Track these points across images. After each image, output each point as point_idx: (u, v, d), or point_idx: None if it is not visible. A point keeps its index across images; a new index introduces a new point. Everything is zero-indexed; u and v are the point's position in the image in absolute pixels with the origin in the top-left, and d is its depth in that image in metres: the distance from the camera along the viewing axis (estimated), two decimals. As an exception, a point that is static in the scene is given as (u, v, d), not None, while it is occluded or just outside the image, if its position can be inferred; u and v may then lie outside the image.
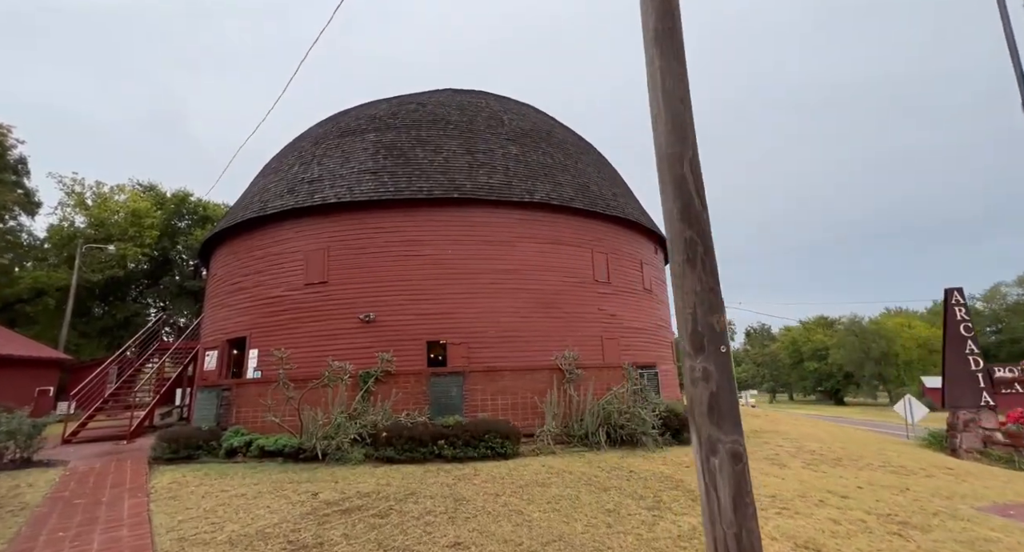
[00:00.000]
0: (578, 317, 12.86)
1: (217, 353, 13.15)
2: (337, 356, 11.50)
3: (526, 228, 12.82)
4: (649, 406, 9.18)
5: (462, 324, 11.81)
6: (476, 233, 12.44)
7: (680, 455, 8.54)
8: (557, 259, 12.97)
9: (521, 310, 12.21)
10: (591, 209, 13.59)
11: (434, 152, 13.42)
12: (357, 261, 12.16)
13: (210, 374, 13.15)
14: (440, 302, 11.88)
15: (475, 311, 11.94)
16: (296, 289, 12.36)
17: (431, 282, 11.98)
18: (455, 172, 12.91)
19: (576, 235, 13.50)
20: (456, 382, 9.32)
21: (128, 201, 23.55)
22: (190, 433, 8.87)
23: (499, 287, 12.21)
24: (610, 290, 13.75)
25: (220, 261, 14.46)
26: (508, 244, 12.56)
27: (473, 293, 12.05)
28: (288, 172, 14.06)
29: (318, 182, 13.03)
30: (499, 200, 12.54)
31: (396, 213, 12.37)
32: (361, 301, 11.91)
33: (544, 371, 9.81)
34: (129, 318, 22.35)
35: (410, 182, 12.51)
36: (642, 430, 8.68)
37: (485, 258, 12.31)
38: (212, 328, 13.93)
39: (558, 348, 12.29)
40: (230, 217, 14.48)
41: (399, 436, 8.25)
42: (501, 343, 11.88)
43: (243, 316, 12.91)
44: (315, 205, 12.39)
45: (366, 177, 12.74)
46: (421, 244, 12.21)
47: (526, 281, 12.44)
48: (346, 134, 14.45)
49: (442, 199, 12.31)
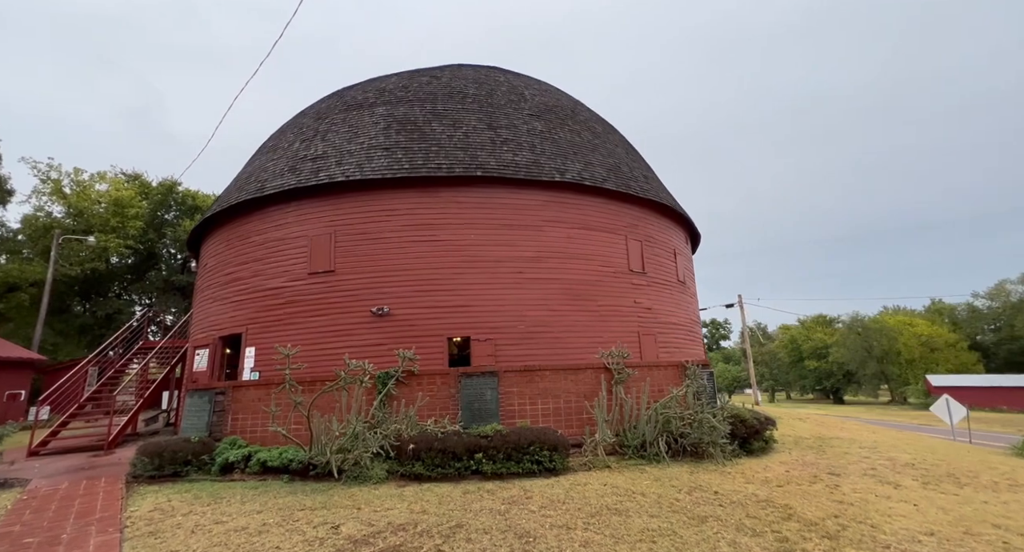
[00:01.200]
0: (612, 310, 11.61)
1: (208, 352, 11.74)
2: (345, 354, 10.16)
3: (555, 211, 11.54)
4: (716, 412, 7.95)
5: (486, 318, 10.51)
6: (500, 216, 11.14)
7: (756, 468, 7.31)
8: (588, 246, 11.71)
9: (550, 302, 10.93)
10: (625, 191, 12.33)
11: (452, 127, 12.09)
12: (367, 247, 10.81)
13: (200, 376, 11.73)
14: (461, 294, 10.57)
15: (500, 303, 10.64)
16: (299, 279, 10.98)
17: (451, 271, 10.67)
18: (476, 149, 11.59)
19: (609, 220, 12.24)
20: (490, 384, 8.03)
21: (110, 190, 21.96)
22: (177, 445, 7.51)
23: (526, 277, 10.92)
24: (645, 281, 12.51)
25: (212, 250, 13.03)
26: (535, 229, 11.27)
27: (497, 283, 10.75)
28: (288, 149, 12.65)
29: (323, 159, 11.65)
30: (527, 180, 11.24)
31: (411, 194, 11.03)
32: (372, 292, 10.56)
33: (589, 371, 8.55)
34: (111, 315, 20.75)
35: (427, 159, 11.18)
36: (711, 439, 7.45)
37: (510, 244, 11.01)
38: (203, 324, 12.51)
39: (591, 344, 11.03)
40: (223, 200, 13.04)
41: (429, 449, 6.94)
42: (529, 339, 10.59)
43: (238, 310, 11.51)
44: (320, 184, 11.01)
45: (377, 153, 11.38)
46: (439, 228, 10.88)
47: (555, 270, 11.17)
48: (352, 108, 13.07)
49: (463, 178, 10.99)
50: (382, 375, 7.99)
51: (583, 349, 10.88)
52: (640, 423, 7.87)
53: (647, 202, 13.12)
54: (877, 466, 7.28)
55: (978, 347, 65.38)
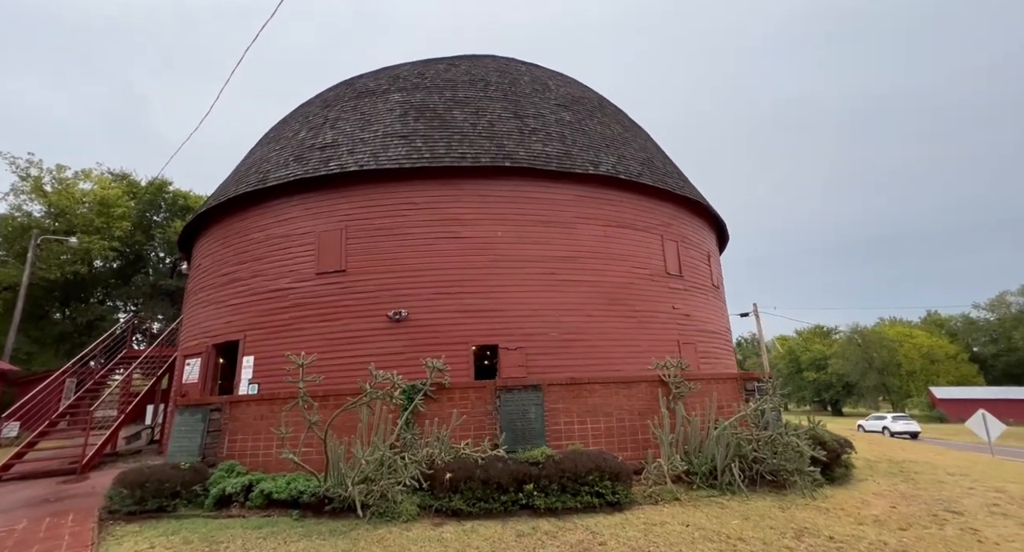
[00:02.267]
0: (650, 316, 10.57)
1: (200, 362, 10.49)
2: (358, 364, 8.99)
3: (588, 207, 10.52)
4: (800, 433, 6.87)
5: (516, 324, 9.41)
6: (530, 212, 10.10)
7: (854, 503, 6.22)
8: (623, 245, 10.69)
9: (586, 307, 9.87)
10: (661, 186, 11.37)
11: (475, 115, 11.08)
12: (384, 244, 9.70)
13: (191, 388, 10.46)
14: (488, 296, 9.48)
15: (531, 308, 9.55)
16: (305, 280, 9.82)
17: (476, 271, 9.58)
18: (503, 137, 10.58)
19: (644, 218, 11.25)
20: (534, 400, 6.89)
21: (95, 188, 20.66)
22: (163, 473, 6.27)
23: (559, 279, 9.86)
24: (682, 285, 11.50)
25: (206, 249, 11.83)
26: (568, 226, 10.24)
27: (528, 286, 9.67)
28: (293, 139, 11.56)
29: (333, 148, 10.56)
30: (559, 172, 10.23)
31: (432, 186, 9.96)
32: (389, 295, 9.43)
33: (643, 384, 7.46)
34: (93, 322, 19.31)
35: (449, 148, 10.14)
36: (796, 467, 6.36)
37: (541, 242, 9.96)
38: (195, 331, 11.26)
39: (630, 354, 9.96)
40: (220, 194, 11.88)
41: (469, 478, 5.78)
42: (564, 348, 9.50)
43: (236, 315, 10.30)
44: (331, 174, 9.91)
45: (394, 141, 10.33)
46: (463, 224, 9.81)
47: (590, 272, 10.12)
48: (364, 95, 12.03)
49: (489, 169, 9.95)
50: (407, 389, 6.84)
51: (622, 359, 9.81)
52: (707, 446, 6.77)
53: (682, 200, 12.17)
54: (995, 500, 6.23)
55: (976, 359, 65.17)
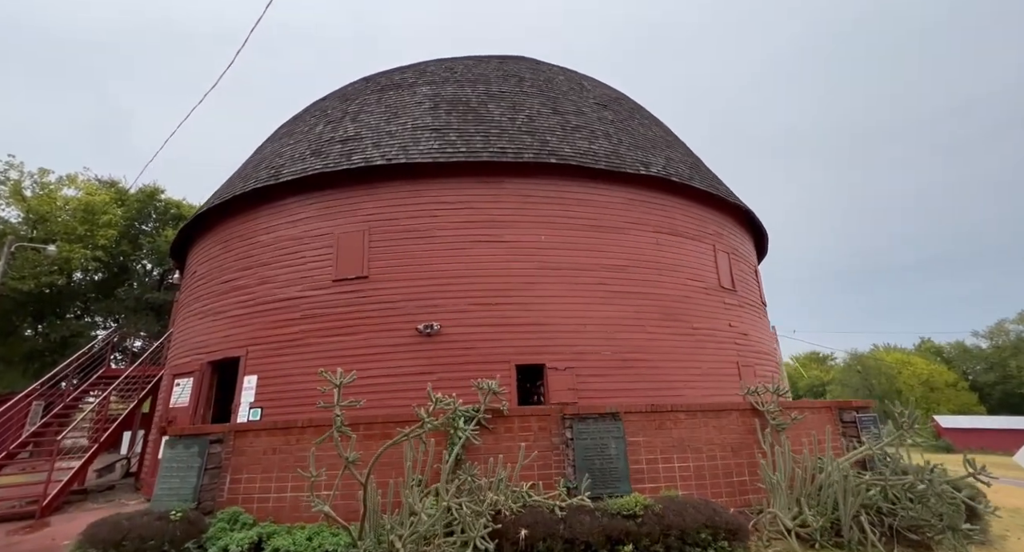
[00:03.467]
0: (709, 335, 9.43)
1: (193, 382, 9.05)
2: (381, 386, 7.69)
3: (638, 211, 9.49)
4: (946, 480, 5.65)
5: (564, 341, 8.20)
6: (578, 215, 9.03)
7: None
8: (678, 255, 9.63)
9: (641, 322, 8.71)
10: (713, 192, 10.42)
11: (512, 109, 10.11)
12: (412, 248, 8.52)
13: (180, 413, 8.99)
14: (531, 308, 8.28)
15: (580, 322, 8.37)
16: (320, 288, 8.56)
17: (519, 279, 8.41)
18: (545, 133, 9.58)
19: (695, 226, 10.24)
20: (613, 431, 5.61)
21: (81, 195, 19.29)
22: (146, 527, 4.86)
23: (611, 290, 8.72)
24: (736, 301, 10.41)
25: (203, 255, 10.52)
26: (619, 231, 9.17)
27: (577, 297, 8.51)
28: (309, 133, 10.45)
29: (355, 141, 9.47)
30: (607, 171, 9.22)
31: (468, 183, 8.87)
32: (418, 305, 8.19)
33: (733, 414, 6.25)
34: (68, 339, 17.60)
35: (487, 142, 9.10)
36: (949, 524, 5.13)
37: (590, 248, 8.86)
38: (187, 346, 9.84)
39: (692, 377, 8.77)
40: (222, 193, 10.67)
41: (550, 536, 4.47)
42: (619, 369, 8.28)
43: (237, 327, 8.95)
44: (354, 169, 8.77)
45: (425, 135, 9.27)
46: (503, 226, 8.69)
47: (644, 283, 9.01)
48: (389, 88, 11.03)
49: (532, 166, 8.91)
50: (461, 415, 5.54)
51: (684, 383, 8.61)
52: (827, 492, 5.54)
53: (731, 209, 11.23)
54: None
55: (975, 387, 64.70)
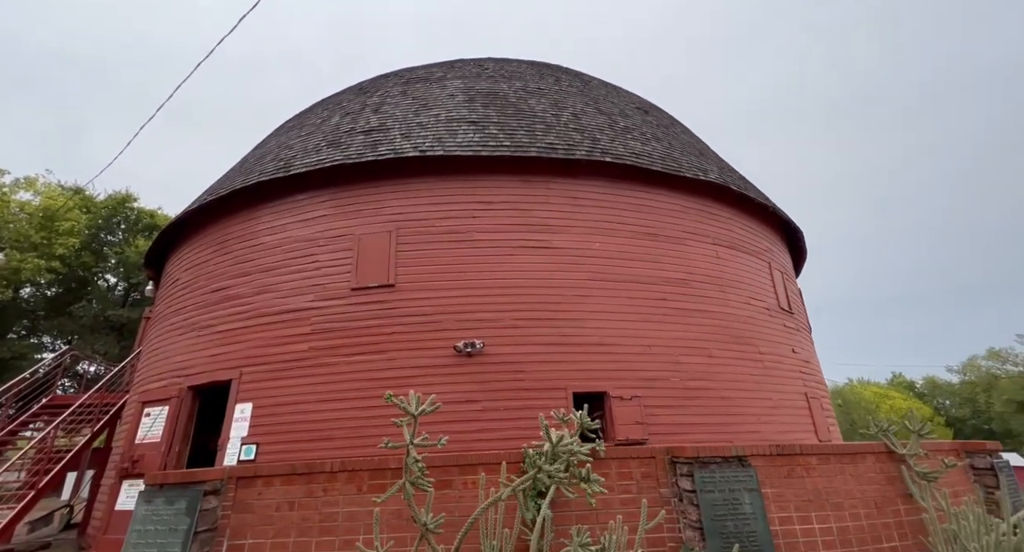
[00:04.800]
0: (776, 362, 8.45)
1: (168, 411, 7.44)
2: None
3: (695, 220, 8.62)
4: None
5: (625, 364, 7.07)
6: (631, 220, 8.08)
7: None
8: (737, 271, 8.74)
9: (707, 345, 7.67)
10: (768, 204, 9.69)
11: (555, 106, 9.25)
12: (447, 252, 7.35)
13: (149, 451, 7.33)
14: (586, 325, 7.16)
15: (641, 342, 7.27)
16: (335, 297, 7.25)
17: (571, 292, 7.31)
18: (594, 131, 8.72)
19: (751, 240, 9.43)
20: (745, 481, 4.39)
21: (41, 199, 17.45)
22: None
23: (672, 306, 7.69)
24: (794, 325, 9.53)
25: (190, 259, 9.06)
26: (677, 242, 8.24)
27: (636, 314, 7.44)
28: (324, 125, 9.32)
29: (380, 132, 8.38)
30: (665, 173, 8.37)
31: (512, 181, 7.85)
32: (454, 318, 6.97)
33: (868, 458, 5.14)
34: (8, 361, 15.38)
35: (533, 137, 8.15)
36: None
37: (647, 259, 7.87)
38: (161, 367, 8.24)
39: (765, 411, 7.71)
40: (218, 188, 9.35)
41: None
42: (688, 399, 7.16)
43: (228, 344, 7.47)
44: (381, 160, 7.65)
45: (462, 127, 8.27)
46: (553, 231, 7.64)
47: (706, 300, 8.03)
48: (414, 82, 10.08)
49: (584, 164, 7.98)
50: (534, 459, 4.25)
51: (758, 417, 7.53)
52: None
53: (780, 224, 10.51)
54: None
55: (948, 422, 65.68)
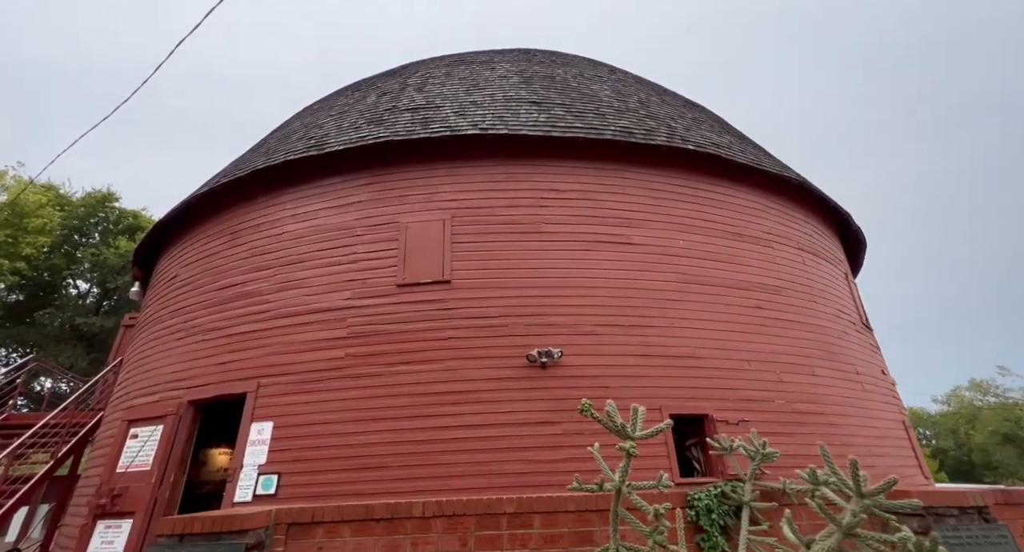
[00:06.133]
0: (872, 383, 7.59)
1: (162, 432, 6.11)
2: (481, 441, 5.25)
3: (777, 221, 7.84)
4: None
5: (723, 381, 6.08)
6: (714, 217, 7.23)
7: None
8: (822, 280, 7.94)
9: (807, 362, 6.74)
10: (842, 210, 9.00)
11: (619, 93, 8.50)
12: (511, 246, 6.36)
13: (132, 483, 5.96)
14: (677, 334, 6.18)
15: (739, 356, 6.32)
16: (378, 295, 6.15)
17: (655, 294, 6.35)
18: (668, 119, 7.97)
19: (828, 248, 8.69)
20: (997, 542, 3.35)
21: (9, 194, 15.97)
22: None
23: (766, 315, 6.78)
24: (873, 342, 8.71)
25: (192, 252, 7.87)
26: (762, 243, 7.41)
27: (728, 322, 6.50)
28: (358, 104, 8.38)
29: (430, 109, 7.47)
30: (747, 166, 7.61)
31: (583, 168, 6.97)
32: (524, 323, 5.92)
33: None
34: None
35: (606, 121, 7.34)
36: None
37: (735, 261, 6.99)
38: (153, 378, 6.93)
39: (872, 441, 6.76)
40: (235, 170, 8.26)
41: None
42: (795, 424, 6.17)
43: (240, 350, 6.26)
44: (434, 137, 6.70)
45: (523, 107, 7.41)
46: (632, 225, 6.74)
47: (800, 311, 7.15)
48: (458, 64, 9.26)
49: (664, 152, 7.16)
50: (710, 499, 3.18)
51: (868, 448, 6.58)
52: None
53: (849, 234, 9.81)
54: None
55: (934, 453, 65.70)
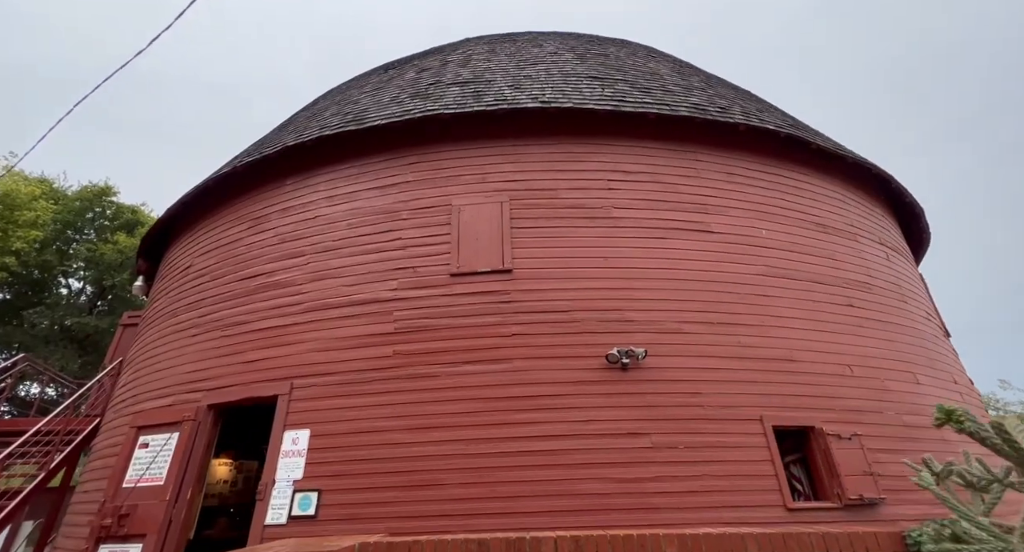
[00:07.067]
0: (968, 394, 6.93)
1: (178, 441, 5.37)
2: (560, 455, 4.56)
3: (855, 213, 7.27)
4: None
5: (827, 389, 5.41)
6: (795, 206, 6.63)
7: None
8: (908, 280, 7.34)
9: (910, 368, 6.10)
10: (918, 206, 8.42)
11: (679, 73, 7.93)
12: (576, 231, 5.73)
13: (142, 500, 5.20)
14: (769, 334, 5.53)
15: (839, 360, 5.68)
16: (429, 285, 5.49)
17: (742, 288, 5.72)
18: (735, 100, 7.40)
19: (903, 245, 8.09)
20: None
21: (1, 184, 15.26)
22: None
23: (860, 315, 6.16)
24: (952, 347, 8.08)
25: (208, 240, 7.20)
26: (847, 235, 6.82)
27: (821, 321, 5.85)
28: (397, 80, 7.78)
29: (481, 83, 6.87)
30: (827, 151, 7.04)
31: (653, 148, 6.37)
32: (599, 318, 5.26)
33: None
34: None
35: (676, 97, 6.75)
36: None
37: (822, 254, 6.39)
38: (163, 380, 6.20)
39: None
40: (263, 147, 7.62)
41: None
42: (907, 441, 5.50)
43: (269, 347, 5.57)
44: (491, 110, 6.08)
45: (584, 82, 6.82)
46: (705, 211, 6.13)
47: (890, 311, 6.52)
48: (501, 42, 8.70)
49: (742, 132, 6.57)
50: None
51: (980, 462, 5.85)
52: None
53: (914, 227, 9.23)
54: None
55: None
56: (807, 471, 5.15)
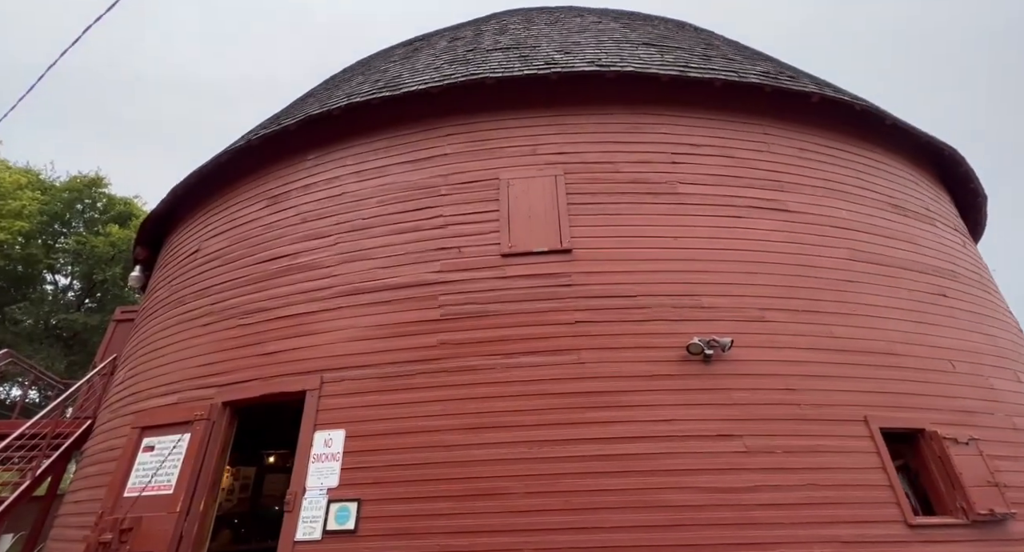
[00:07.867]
0: (1057, 392, 6.38)
1: (188, 443, 4.74)
2: (633, 460, 3.98)
3: (927, 197, 6.77)
4: None
5: (933, 387, 4.86)
6: (871, 186, 6.13)
7: None
8: (983, 268, 6.84)
9: (1012, 365, 5.58)
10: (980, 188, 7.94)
11: (732, 47, 7.43)
12: (639, 208, 5.19)
13: (148, 512, 4.56)
14: (862, 324, 4.96)
15: (939, 356, 5.11)
16: (477, 267, 4.92)
17: (827, 274, 5.17)
18: (798, 72, 6.90)
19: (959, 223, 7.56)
20: None
21: (-16, 174, 14.55)
22: None
23: (952, 306, 5.63)
24: None
25: (220, 221, 6.59)
26: (924, 219, 6.33)
27: (916, 312, 5.31)
28: (429, 49, 7.22)
29: (525, 48, 6.33)
30: (902, 127, 6.56)
31: (719, 119, 5.84)
32: (673, 303, 4.70)
33: None
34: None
35: (742, 65, 6.24)
36: None
37: (903, 238, 5.89)
38: (169, 375, 5.57)
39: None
40: (282, 118, 7.05)
41: None
42: (1016, 445, 4.93)
43: (295, 336, 4.97)
44: (540, 75, 5.53)
45: (639, 48, 6.29)
46: (778, 188, 5.60)
47: (979, 302, 6.01)
48: (539, 13, 8.17)
49: (817, 102, 6.05)
50: None
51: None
52: None
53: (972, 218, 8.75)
54: None
55: None
56: (911, 480, 4.59)
